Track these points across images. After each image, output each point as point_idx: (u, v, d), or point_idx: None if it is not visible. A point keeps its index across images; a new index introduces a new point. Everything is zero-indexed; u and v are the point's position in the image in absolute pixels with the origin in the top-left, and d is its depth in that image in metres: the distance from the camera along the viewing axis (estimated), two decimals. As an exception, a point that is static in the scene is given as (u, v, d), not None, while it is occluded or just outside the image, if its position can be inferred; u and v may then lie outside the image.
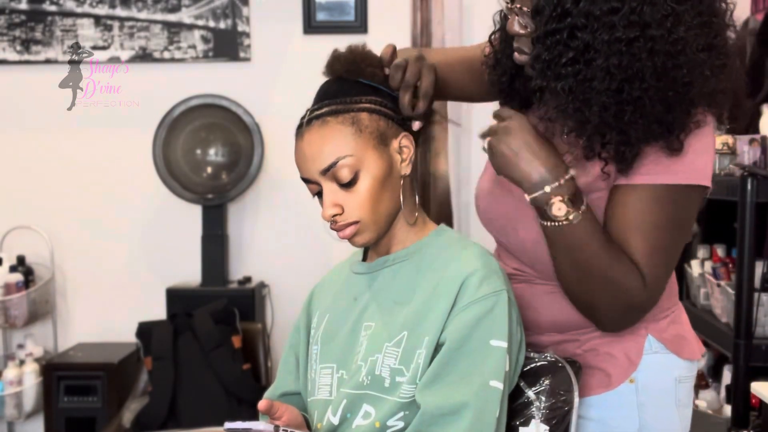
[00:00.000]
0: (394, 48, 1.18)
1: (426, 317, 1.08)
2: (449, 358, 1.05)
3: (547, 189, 1.07)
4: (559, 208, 1.07)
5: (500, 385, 1.04)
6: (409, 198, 1.16)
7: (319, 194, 1.14)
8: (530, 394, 1.13)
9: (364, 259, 1.22)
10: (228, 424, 1.05)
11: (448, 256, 1.12)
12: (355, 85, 1.13)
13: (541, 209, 1.09)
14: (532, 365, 1.14)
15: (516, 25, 1.09)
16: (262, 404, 1.10)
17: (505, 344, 1.06)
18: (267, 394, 1.27)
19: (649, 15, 1.00)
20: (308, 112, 1.13)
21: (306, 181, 1.14)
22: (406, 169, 1.13)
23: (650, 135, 1.05)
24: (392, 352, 1.09)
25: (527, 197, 1.09)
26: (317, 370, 1.17)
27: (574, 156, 1.11)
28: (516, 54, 1.12)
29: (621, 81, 1.02)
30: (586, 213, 1.09)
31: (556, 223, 1.08)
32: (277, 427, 1.07)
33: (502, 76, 1.21)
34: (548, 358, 1.14)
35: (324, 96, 1.14)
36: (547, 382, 1.12)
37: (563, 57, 1.04)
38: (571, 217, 1.07)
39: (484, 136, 1.12)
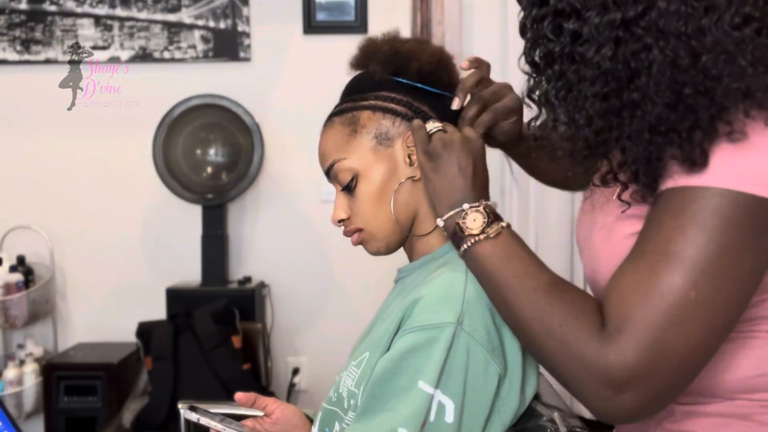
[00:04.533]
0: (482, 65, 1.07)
1: (381, 341, 0.96)
2: (374, 391, 0.92)
3: (465, 206, 0.92)
4: (474, 218, 0.90)
5: None
6: (426, 204, 1.03)
7: None
8: None
9: None
10: (185, 412, 1.06)
11: (431, 275, 0.98)
12: (370, 81, 1.05)
13: (455, 229, 0.91)
14: (525, 424, 0.93)
15: None
16: (238, 396, 1.09)
17: (431, 390, 0.87)
18: None
19: None
20: None
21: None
22: (414, 171, 1.02)
23: (658, 149, 0.78)
24: (353, 372, 0.99)
25: (440, 221, 0.95)
26: None
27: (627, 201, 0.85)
28: None
29: (617, 79, 0.77)
30: (508, 233, 0.89)
31: (473, 240, 0.89)
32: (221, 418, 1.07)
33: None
34: (548, 420, 0.94)
35: (342, 94, 1.09)
36: None
37: (552, 52, 0.81)
38: (489, 230, 0.88)
39: (429, 129, 0.98)
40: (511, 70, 2.69)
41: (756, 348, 0.84)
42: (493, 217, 0.90)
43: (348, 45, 1.13)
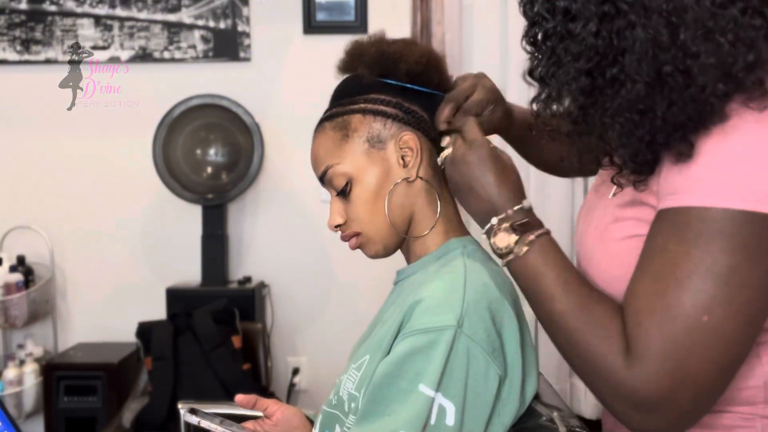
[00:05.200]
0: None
1: (382, 344, 0.96)
2: (375, 395, 0.91)
3: (494, 221, 0.90)
4: (501, 238, 0.88)
5: None
6: (427, 205, 1.03)
7: None
8: None
9: None
10: (185, 415, 1.05)
11: (430, 276, 0.98)
12: (359, 84, 1.05)
13: (492, 249, 0.91)
14: (525, 424, 0.93)
15: None
16: (239, 398, 1.09)
17: (432, 393, 0.87)
18: None
19: None
20: None
21: None
22: (409, 173, 1.02)
23: (636, 134, 0.78)
24: (353, 375, 0.98)
25: (483, 236, 0.93)
26: None
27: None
28: None
29: (601, 55, 0.77)
30: (542, 245, 0.87)
31: (505, 260, 0.88)
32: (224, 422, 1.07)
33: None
34: (548, 420, 0.94)
35: (331, 98, 1.08)
36: None
37: (547, 30, 0.81)
38: (517, 250, 0.86)
39: (440, 162, 1.00)
40: (511, 69, 2.70)
41: (746, 362, 0.82)
42: (521, 231, 0.88)
43: (348, 45, 1.13)
